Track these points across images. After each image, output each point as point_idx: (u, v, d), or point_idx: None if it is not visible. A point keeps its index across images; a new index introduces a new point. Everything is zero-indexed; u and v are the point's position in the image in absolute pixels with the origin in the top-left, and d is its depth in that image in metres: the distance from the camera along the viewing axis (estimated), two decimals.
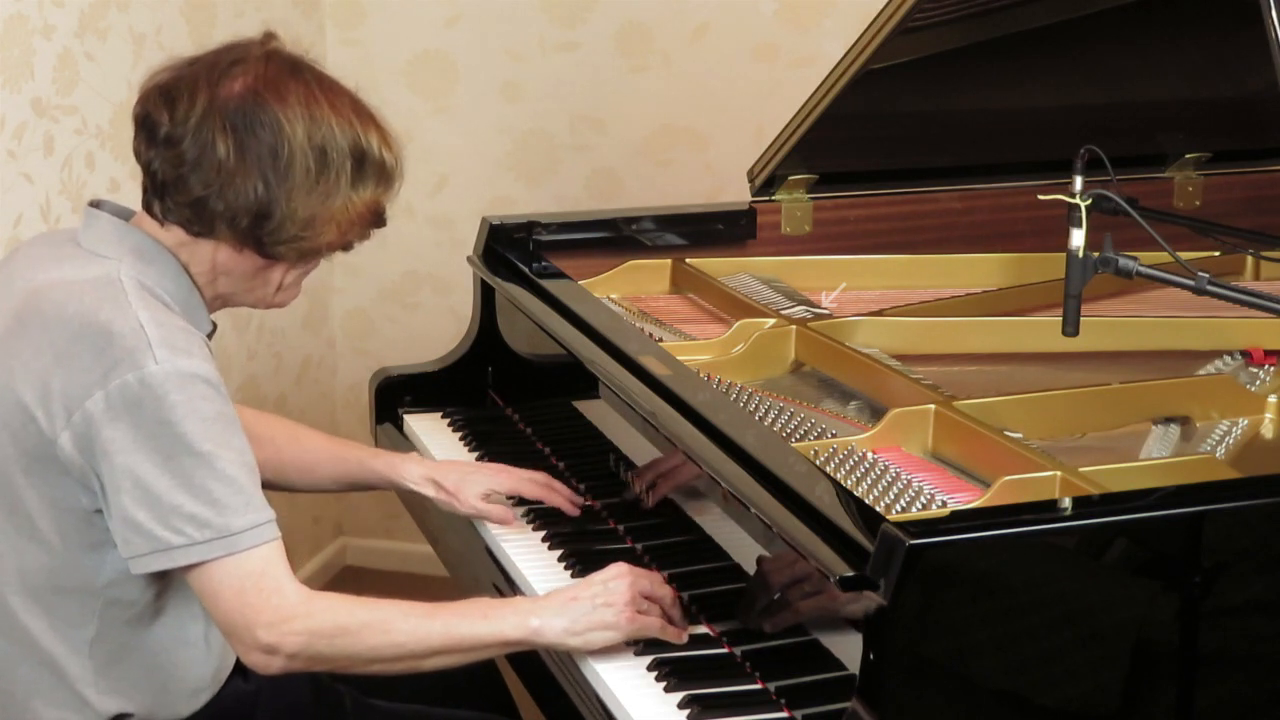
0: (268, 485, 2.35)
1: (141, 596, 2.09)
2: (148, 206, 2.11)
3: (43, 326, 2.04)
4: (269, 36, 2.15)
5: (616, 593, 2.09)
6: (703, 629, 2.16)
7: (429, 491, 2.50)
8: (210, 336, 2.14)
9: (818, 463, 2.14)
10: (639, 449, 2.46)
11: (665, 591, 2.14)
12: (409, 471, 2.52)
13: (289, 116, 2.05)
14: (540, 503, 2.49)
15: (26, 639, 2.09)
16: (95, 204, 2.16)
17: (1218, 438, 2.34)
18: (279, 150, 2.04)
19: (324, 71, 2.15)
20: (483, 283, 2.95)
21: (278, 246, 2.09)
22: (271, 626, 1.99)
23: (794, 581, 2.03)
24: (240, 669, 2.23)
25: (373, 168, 2.11)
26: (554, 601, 2.11)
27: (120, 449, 1.97)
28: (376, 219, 2.16)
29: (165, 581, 2.08)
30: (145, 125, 2.09)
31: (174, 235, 2.10)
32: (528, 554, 2.42)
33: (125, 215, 2.15)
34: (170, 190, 2.07)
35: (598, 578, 2.12)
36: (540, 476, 2.51)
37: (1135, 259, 2.15)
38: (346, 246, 2.16)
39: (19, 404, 2.02)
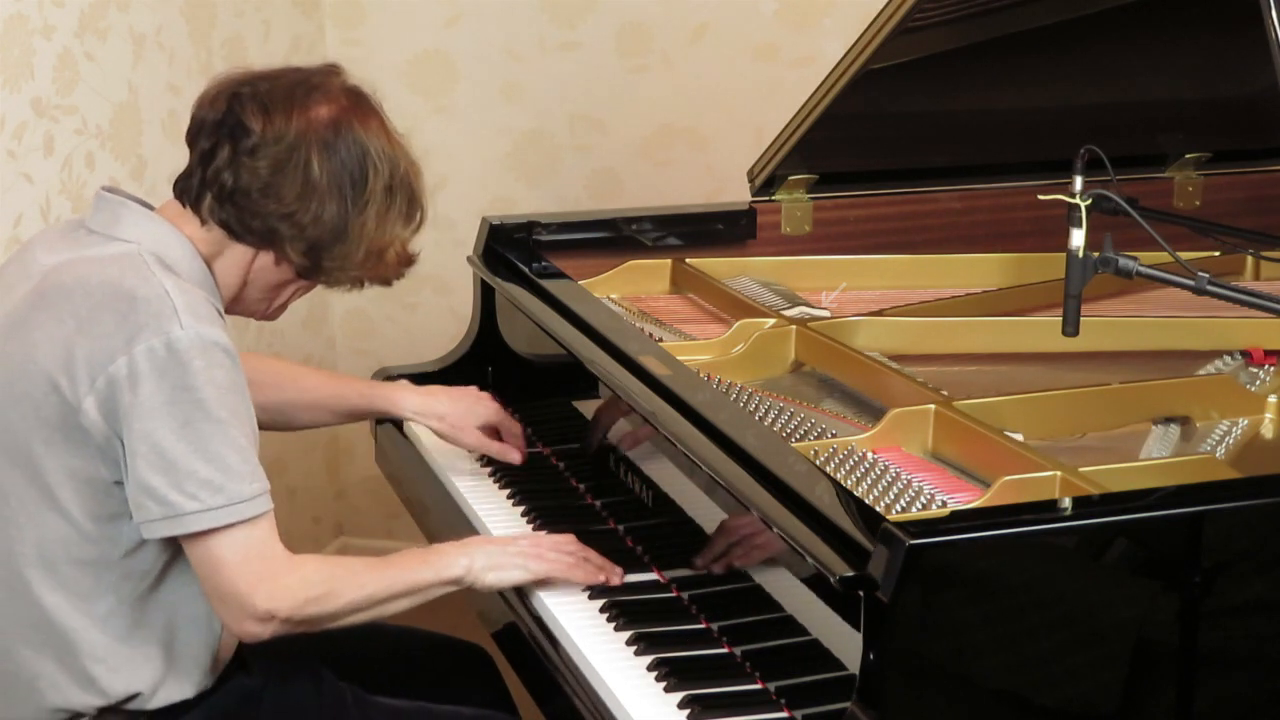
0: (271, 427, 2.50)
1: (154, 566, 2.11)
2: (194, 201, 2.14)
3: (65, 297, 2.07)
4: (338, 67, 2.21)
5: (525, 543, 2.29)
6: (703, 629, 2.16)
7: (433, 424, 2.61)
8: None
9: (818, 463, 2.14)
10: (639, 449, 2.46)
11: (573, 548, 2.29)
12: (407, 401, 2.63)
13: (375, 150, 2.14)
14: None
15: (40, 615, 2.10)
16: (109, 189, 2.18)
17: (1218, 438, 2.34)
18: (363, 182, 2.12)
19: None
20: (483, 283, 2.95)
21: (332, 271, 2.16)
22: (270, 594, 2.05)
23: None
24: (242, 665, 2.24)
25: (418, 209, 2.21)
26: (474, 544, 2.29)
27: (140, 414, 2.00)
28: (410, 261, 2.26)
29: (174, 551, 2.10)
30: (230, 128, 2.12)
31: (210, 235, 2.15)
32: None
33: (145, 206, 2.17)
34: (234, 199, 2.11)
35: (508, 536, 2.36)
36: (514, 427, 2.63)
37: (1135, 259, 2.15)
38: (386, 282, 2.26)
39: (41, 375, 2.05)
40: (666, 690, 2.03)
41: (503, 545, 2.27)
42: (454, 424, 2.60)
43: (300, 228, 2.12)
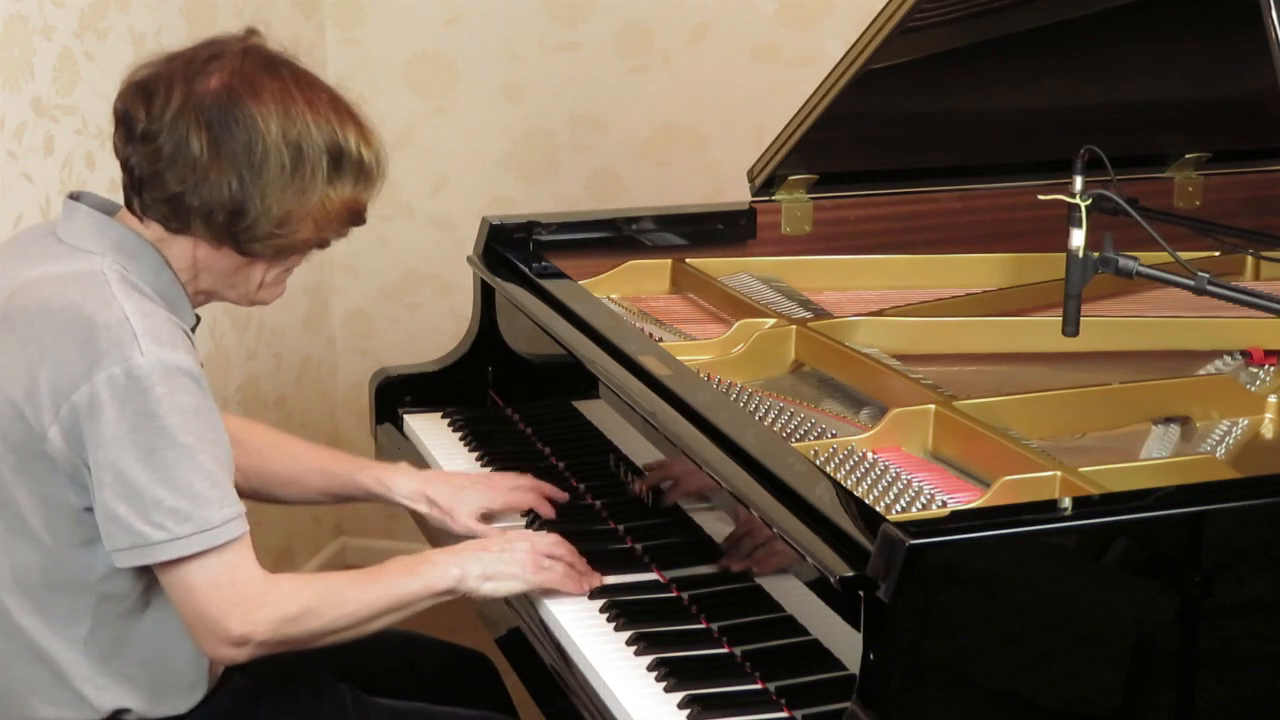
0: (253, 496, 2.36)
1: (132, 590, 2.09)
2: (128, 203, 2.12)
3: (27, 323, 2.04)
4: (250, 32, 2.16)
5: (519, 550, 2.23)
6: (703, 629, 2.16)
7: (422, 508, 2.48)
8: (194, 329, 2.14)
9: (818, 463, 2.14)
10: (639, 449, 2.46)
11: (564, 551, 2.25)
12: (399, 486, 2.50)
13: (263, 113, 2.05)
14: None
15: (23, 637, 2.09)
16: (75, 196, 2.16)
17: (1218, 438, 2.34)
18: (253, 147, 2.04)
19: (302, 68, 2.14)
20: (483, 283, 2.95)
21: (253, 244, 2.09)
22: (244, 617, 2.03)
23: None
24: (240, 666, 2.23)
25: (350, 165, 2.11)
26: (467, 551, 2.23)
27: (103, 442, 1.98)
28: (355, 217, 2.16)
29: (153, 575, 2.08)
30: (124, 121, 2.09)
31: (154, 231, 2.11)
32: None
33: (109, 209, 2.15)
34: (147, 186, 2.08)
35: (501, 538, 2.28)
36: (526, 481, 2.50)
37: (1135, 259, 2.15)
38: (323, 244, 2.17)
39: (7, 401, 2.03)
40: (666, 690, 2.03)
41: (498, 552, 2.22)
42: (445, 509, 2.46)
43: (204, 200, 2.05)
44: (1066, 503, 1.95)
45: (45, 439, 2.01)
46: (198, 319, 2.17)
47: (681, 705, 1.99)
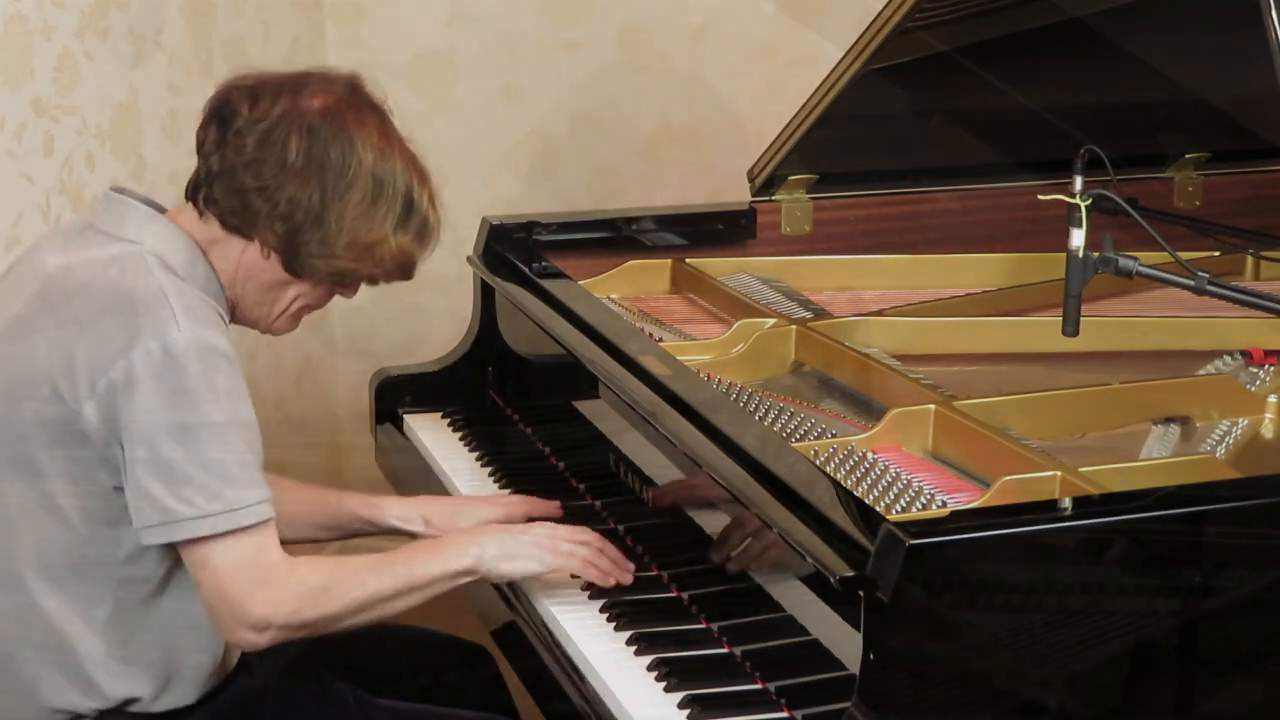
0: None
1: (155, 572, 2.10)
2: (193, 193, 2.15)
3: (66, 301, 2.07)
4: (354, 75, 2.22)
5: (538, 533, 2.23)
6: (703, 629, 2.16)
7: (419, 528, 2.43)
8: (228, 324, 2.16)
9: (818, 463, 2.14)
10: (639, 449, 2.46)
11: (589, 538, 2.24)
12: (391, 507, 2.46)
13: (362, 141, 2.13)
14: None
15: (41, 620, 2.10)
16: (118, 190, 2.18)
17: (1218, 438, 2.34)
18: (345, 168, 2.11)
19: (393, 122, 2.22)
20: (483, 283, 2.95)
21: (309, 260, 2.14)
22: (266, 599, 2.04)
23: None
24: (244, 667, 2.24)
25: (417, 219, 2.18)
26: (486, 533, 2.24)
27: (138, 417, 2.00)
28: (404, 269, 2.22)
29: (176, 558, 2.10)
30: (220, 114, 2.14)
31: (208, 230, 2.14)
32: None
33: (155, 208, 2.17)
34: (221, 179, 2.12)
35: (521, 525, 2.30)
36: (516, 498, 2.47)
37: (1135, 259, 2.15)
38: (372, 280, 2.22)
39: (43, 378, 2.05)
40: (666, 690, 2.03)
41: (516, 534, 2.23)
42: (441, 528, 2.40)
43: (275, 205, 2.10)
44: (1066, 503, 1.95)
45: (80, 416, 2.02)
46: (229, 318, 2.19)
47: (681, 705, 1.99)
